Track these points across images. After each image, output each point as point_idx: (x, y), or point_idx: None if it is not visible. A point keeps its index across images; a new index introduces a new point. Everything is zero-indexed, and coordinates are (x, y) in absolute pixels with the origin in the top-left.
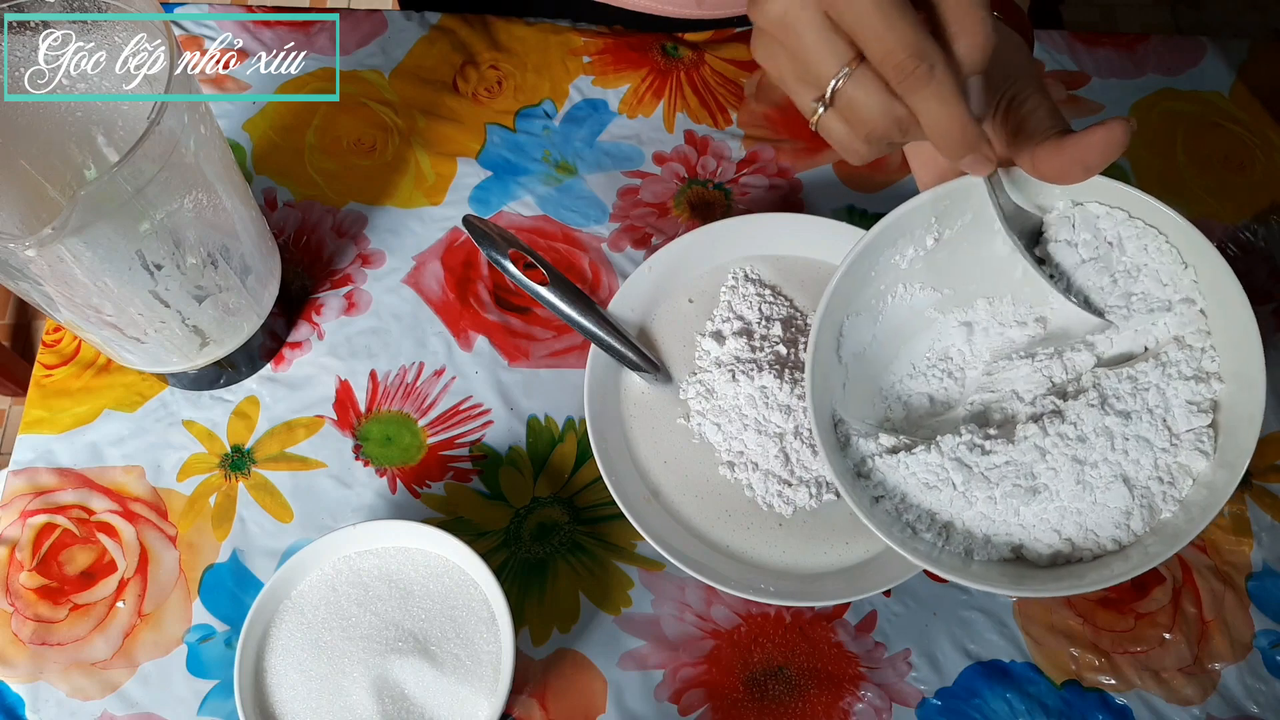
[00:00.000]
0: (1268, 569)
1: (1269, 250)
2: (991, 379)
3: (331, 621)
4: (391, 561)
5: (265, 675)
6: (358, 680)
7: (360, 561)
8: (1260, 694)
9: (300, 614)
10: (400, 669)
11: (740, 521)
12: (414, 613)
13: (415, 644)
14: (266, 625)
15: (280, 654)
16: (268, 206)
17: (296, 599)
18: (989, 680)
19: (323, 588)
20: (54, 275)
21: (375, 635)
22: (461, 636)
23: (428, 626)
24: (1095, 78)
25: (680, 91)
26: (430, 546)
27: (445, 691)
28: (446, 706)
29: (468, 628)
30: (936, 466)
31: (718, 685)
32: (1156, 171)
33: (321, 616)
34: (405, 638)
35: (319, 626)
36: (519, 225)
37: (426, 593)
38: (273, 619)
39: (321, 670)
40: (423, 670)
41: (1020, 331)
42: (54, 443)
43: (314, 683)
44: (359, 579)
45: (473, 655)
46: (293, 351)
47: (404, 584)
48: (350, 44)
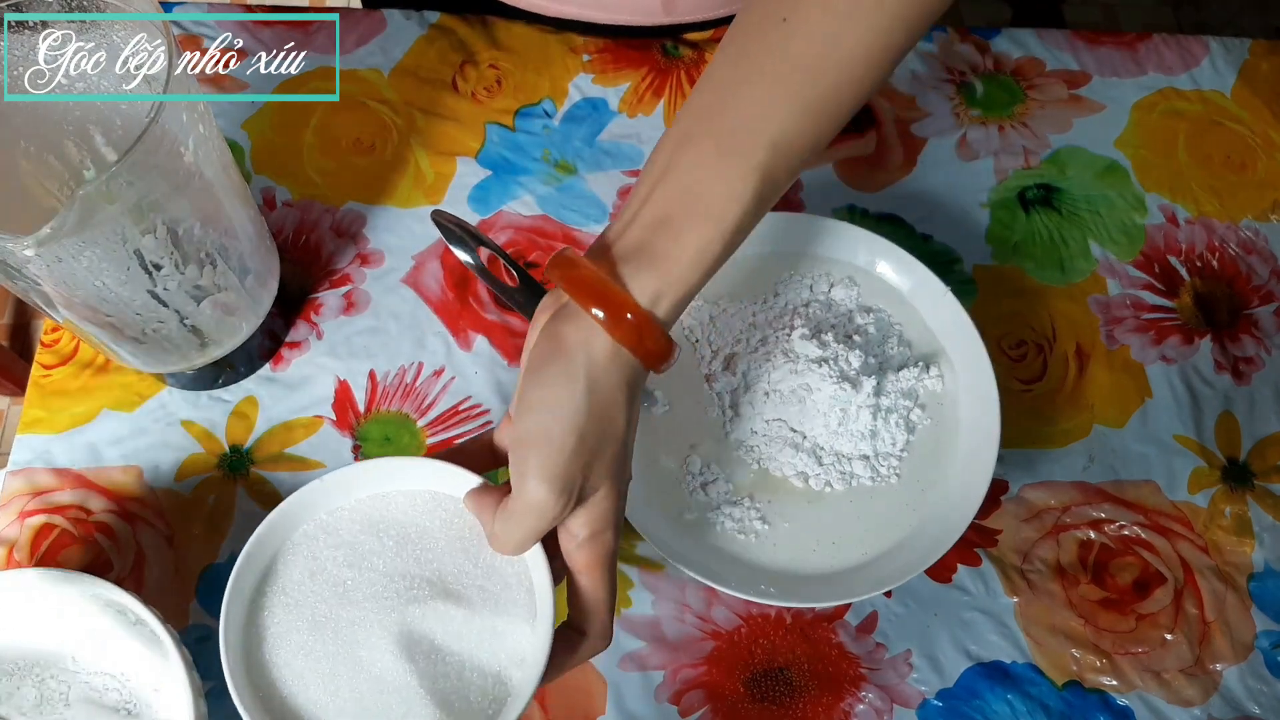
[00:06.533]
0: (1269, 569)
1: (1270, 249)
2: None
3: (324, 593)
4: (372, 511)
5: (265, 672)
6: (377, 645)
7: (334, 522)
8: (1262, 695)
9: (283, 595)
10: (423, 619)
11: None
12: (418, 556)
13: (431, 588)
14: (244, 621)
15: (274, 646)
16: (266, 206)
17: (272, 582)
18: (990, 681)
19: (299, 562)
20: (52, 275)
21: (382, 592)
22: (480, 565)
23: (439, 566)
24: (1097, 77)
25: (680, 90)
26: (409, 485)
27: (481, 629)
28: (488, 646)
29: (482, 555)
30: None
31: (718, 686)
32: (1158, 171)
33: (309, 591)
34: (417, 584)
35: (310, 602)
36: (519, 225)
37: (424, 531)
38: (252, 612)
39: (329, 648)
40: (449, 613)
41: None
42: (52, 443)
43: (324, 664)
44: (339, 540)
45: (499, 581)
46: (291, 351)
47: (395, 530)
48: (349, 43)
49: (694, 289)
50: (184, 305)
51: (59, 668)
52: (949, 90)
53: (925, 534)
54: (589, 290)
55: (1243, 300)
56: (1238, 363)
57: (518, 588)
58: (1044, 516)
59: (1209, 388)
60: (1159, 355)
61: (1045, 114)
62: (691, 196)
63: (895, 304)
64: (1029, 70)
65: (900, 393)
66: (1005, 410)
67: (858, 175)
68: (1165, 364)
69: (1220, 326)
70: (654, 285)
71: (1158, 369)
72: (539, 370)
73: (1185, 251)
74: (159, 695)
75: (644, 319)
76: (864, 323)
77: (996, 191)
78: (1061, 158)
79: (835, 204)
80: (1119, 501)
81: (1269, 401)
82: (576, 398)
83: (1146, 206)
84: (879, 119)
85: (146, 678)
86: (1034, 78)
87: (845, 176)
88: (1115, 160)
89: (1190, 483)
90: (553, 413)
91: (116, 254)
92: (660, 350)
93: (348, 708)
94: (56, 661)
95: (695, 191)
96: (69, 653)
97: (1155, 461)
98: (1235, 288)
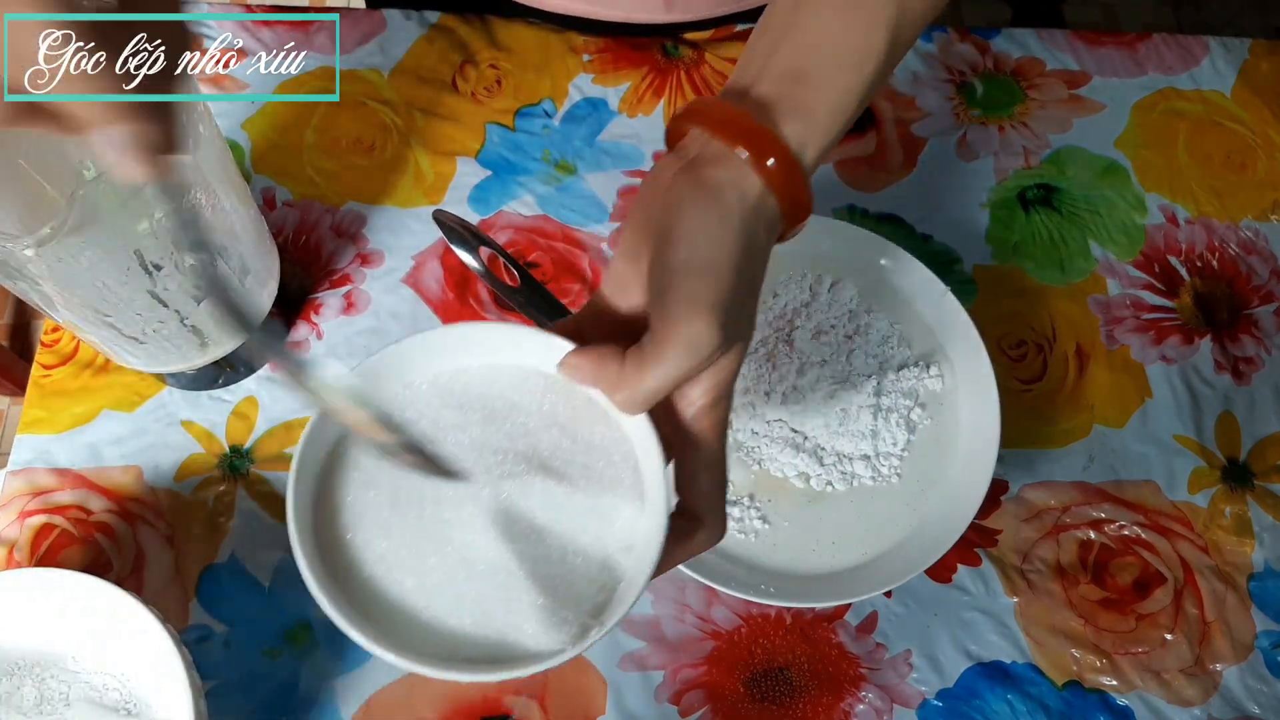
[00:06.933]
0: (1269, 569)
1: (1270, 249)
2: None
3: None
4: (452, 384)
5: (341, 554)
6: (470, 524)
7: (408, 396)
8: (1261, 695)
9: (356, 471)
10: (521, 496)
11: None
12: (508, 431)
13: (527, 462)
14: (313, 500)
15: (351, 526)
16: (266, 206)
17: (341, 459)
18: (990, 681)
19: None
20: (52, 275)
21: (470, 467)
22: (578, 441)
23: (532, 441)
24: (1097, 77)
25: (680, 90)
26: (488, 358)
27: (585, 510)
28: (593, 528)
29: (580, 431)
30: None
31: (718, 686)
32: (1158, 171)
33: (385, 467)
34: (510, 459)
35: (388, 478)
36: (519, 225)
37: (513, 406)
38: (320, 493)
39: (414, 527)
40: (550, 490)
41: None
42: (52, 443)
43: (410, 544)
44: (416, 414)
45: (602, 458)
46: None
47: (479, 404)
48: (349, 43)
49: (832, 141)
50: (184, 305)
51: (59, 668)
52: (949, 90)
53: (925, 534)
54: (742, 132)
55: (1243, 300)
56: (1238, 363)
57: (623, 465)
58: (1044, 516)
59: (1209, 388)
60: (1159, 355)
61: (1045, 114)
62: (824, 50)
63: (895, 304)
64: (1029, 70)
65: (901, 392)
66: (1005, 410)
67: (858, 175)
68: (1165, 364)
69: (1220, 326)
70: (799, 133)
71: (1158, 369)
72: (685, 206)
73: (1185, 251)
74: (159, 695)
75: (794, 164)
76: (864, 323)
77: (996, 191)
78: (1061, 158)
79: (835, 204)
80: (1119, 501)
81: (1269, 401)
82: (734, 231)
83: (1146, 206)
84: (879, 119)
85: (146, 678)
86: (1034, 78)
87: (845, 176)
88: (1115, 160)
89: (1190, 483)
90: (712, 243)
91: (116, 254)
92: (804, 202)
93: (439, 592)
94: (56, 661)
95: (828, 45)
96: (69, 653)
97: (1155, 461)
98: (1235, 288)
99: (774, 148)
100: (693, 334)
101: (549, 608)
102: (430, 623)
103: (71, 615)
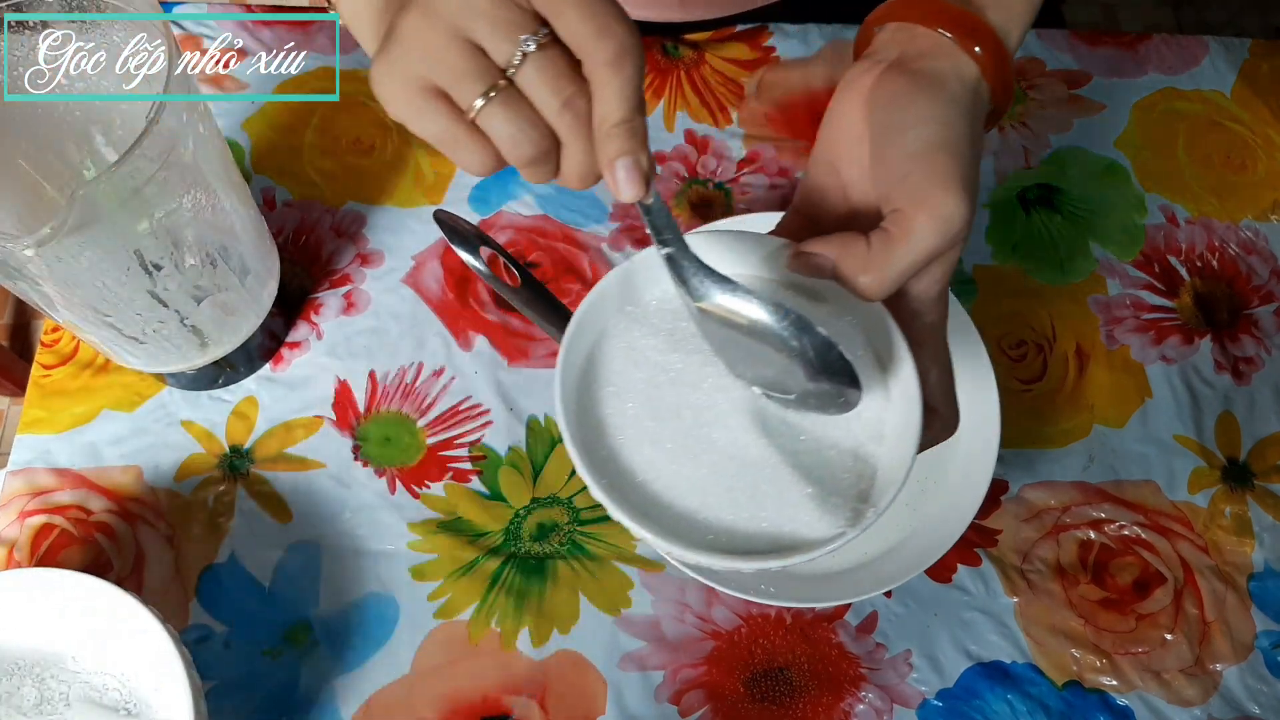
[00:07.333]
0: (1269, 569)
1: (1270, 249)
2: None
3: (655, 378)
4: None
5: (614, 464)
6: (729, 423)
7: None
8: (1262, 695)
9: (609, 387)
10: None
11: None
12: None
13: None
14: (578, 418)
15: (615, 438)
16: (266, 206)
17: (592, 377)
18: (990, 681)
19: (617, 353)
20: (52, 275)
21: (716, 371)
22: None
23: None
24: (1097, 77)
25: (680, 90)
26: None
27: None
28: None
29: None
30: None
31: (718, 686)
32: (1157, 171)
33: (636, 379)
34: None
35: (640, 389)
36: (519, 225)
37: None
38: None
39: (676, 432)
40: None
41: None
42: (52, 443)
43: (675, 448)
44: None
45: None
46: (291, 351)
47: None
48: (349, 43)
49: (1027, 29)
50: (184, 305)
51: (59, 668)
52: None
53: (925, 534)
54: (952, 20)
55: (1243, 300)
56: (1238, 363)
57: (864, 356)
58: (1044, 516)
59: (1209, 388)
60: (1159, 355)
61: (1045, 114)
62: None
63: None
64: (1029, 70)
65: None
66: (1005, 410)
67: None
68: (1165, 364)
69: (1220, 326)
70: (1002, 21)
71: (1158, 369)
72: (909, 97)
73: (1185, 251)
74: (159, 695)
75: (1002, 49)
76: None
77: (996, 192)
78: (1061, 158)
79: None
80: (1119, 501)
81: (1269, 401)
82: (964, 114)
83: (1146, 206)
84: None
85: (146, 678)
86: (1034, 78)
87: None
88: (1115, 160)
89: (1190, 483)
90: (946, 125)
91: (116, 254)
92: (1011, 86)
93: (712, 491)
94: (56, 661)
95: None
96: (69, 653)
97: (1155, 461)
98: (1235, 288)
99: (983, 34)
100: (946, 208)
101: (819, 496)
102: (707, 520)
103: (71, 615)
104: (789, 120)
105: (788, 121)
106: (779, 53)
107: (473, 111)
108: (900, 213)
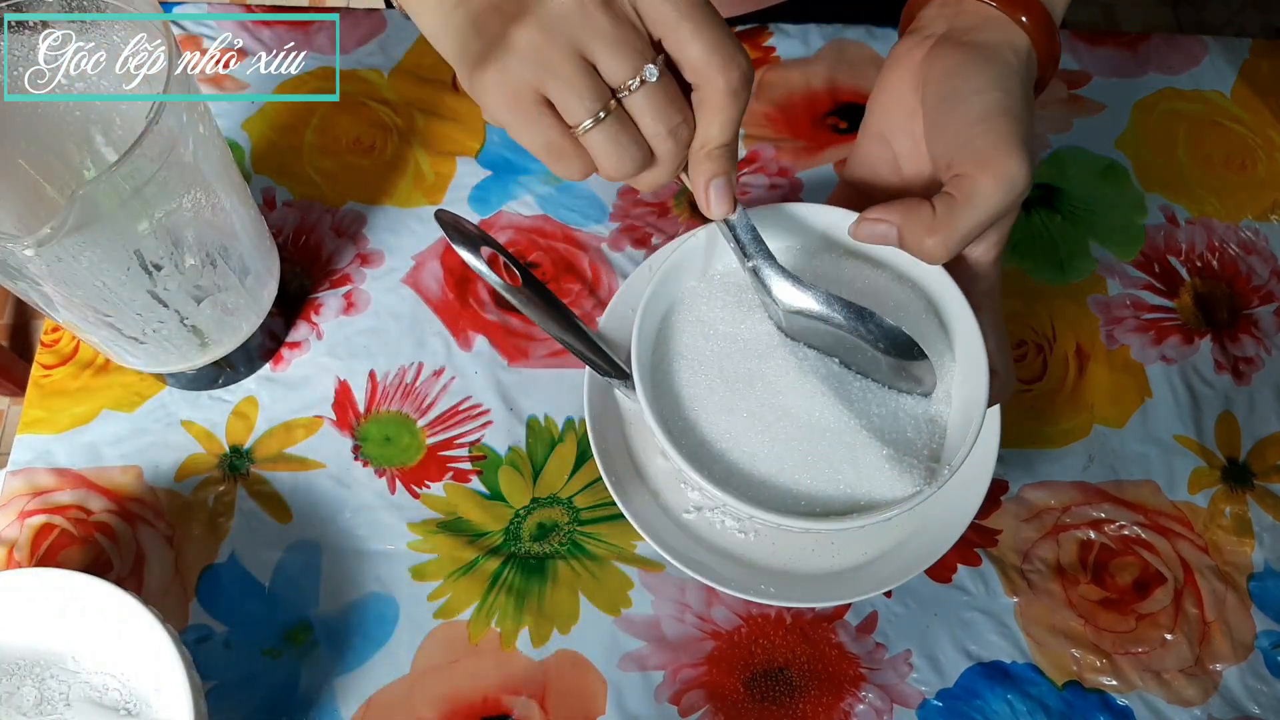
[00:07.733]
0: (1269, 569)
1: (1270, 249)
2: None
3: (726, 349)
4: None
5: (690, 436)
6: (802, 390)
7: (704, 288)
8: (1262, 695)
9: (681, 359)
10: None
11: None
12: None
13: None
14: (652, 393)
15: (691, 409)
16: (266, 206)
17: (665, 350)
18: (990, 681)
19: (686, 327)
20: (52, 275)
21: (784, 340)
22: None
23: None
24: (1096, 77)
25: None
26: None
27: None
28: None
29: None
30: None
31: (718, 686)
32: (1157, 171)
33: (708, 351)
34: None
35: (713, 360)
36: (519, 225)
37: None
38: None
39: (749, 401)
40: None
41: None
42: (52, 443)
43: (750, 417)
44: (720, 302)
45: (909, 316)
46: (291, 351)
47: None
48: (349, 43)
49: (1069, 1)
50: (184, 305)
51: (59, 668)
52: None
53: (925, 534)
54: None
55: (1243, 300)
56: (1238, 363)
57: (928, 322)
58: (1044, 516)
59: (1209, 388)
60: (1159, 355)
61: (1045, 114)
62: None
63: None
64: None
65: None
66: (1005, 410)
67: None
68: (1165, 364)
69: (1220, 326)
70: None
71: (1158, 369)
72: (964, 66)
73: (1185, 251)
74: (159, 695)
75: (1049, 19)
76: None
77: None
78: (1061, 158)
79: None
80: (1119, 501)
81: (1269, 401)
82: (1020, 81)
83: (1146, 207)
84: None
85: (146, 678)
86: None
87: None
88: (1115, 160)
89: (1190, 483)
90: (1004, 92)
91: (116, 254)
92: (1057, 55)
93: (788, 456)
94: (56, 661)
95: None
96: (69, 653)
97: (1155, 461)
98: (1235, 288)
99: (1030, 4)
100: (1009, 169)
101: (894, 457)
102: (786, 485)
103: (71, 615)
104: (789, 120)
105: (787, 122)
106: (779, 53)
107: (581, 129)
108: (963, 176)
